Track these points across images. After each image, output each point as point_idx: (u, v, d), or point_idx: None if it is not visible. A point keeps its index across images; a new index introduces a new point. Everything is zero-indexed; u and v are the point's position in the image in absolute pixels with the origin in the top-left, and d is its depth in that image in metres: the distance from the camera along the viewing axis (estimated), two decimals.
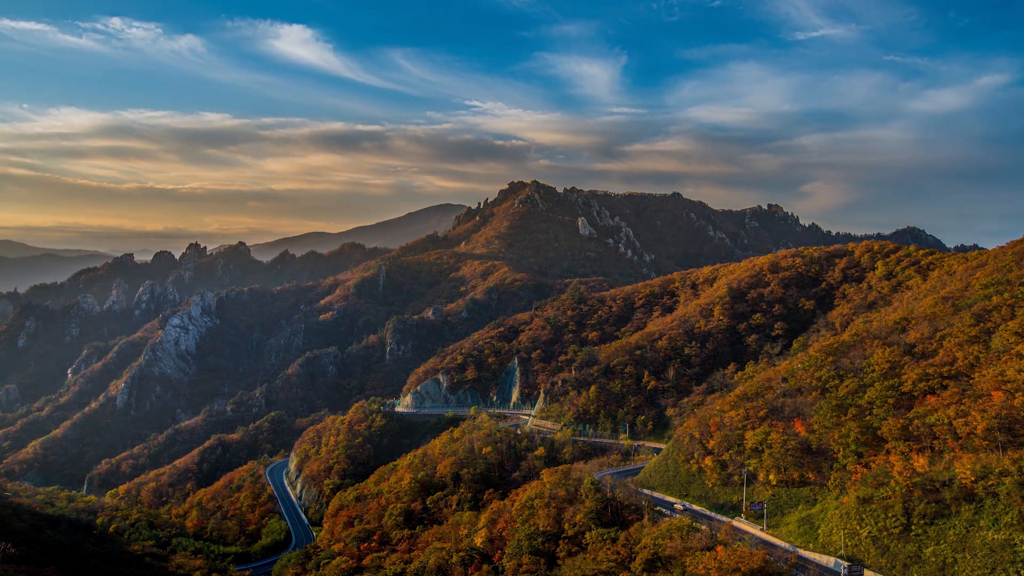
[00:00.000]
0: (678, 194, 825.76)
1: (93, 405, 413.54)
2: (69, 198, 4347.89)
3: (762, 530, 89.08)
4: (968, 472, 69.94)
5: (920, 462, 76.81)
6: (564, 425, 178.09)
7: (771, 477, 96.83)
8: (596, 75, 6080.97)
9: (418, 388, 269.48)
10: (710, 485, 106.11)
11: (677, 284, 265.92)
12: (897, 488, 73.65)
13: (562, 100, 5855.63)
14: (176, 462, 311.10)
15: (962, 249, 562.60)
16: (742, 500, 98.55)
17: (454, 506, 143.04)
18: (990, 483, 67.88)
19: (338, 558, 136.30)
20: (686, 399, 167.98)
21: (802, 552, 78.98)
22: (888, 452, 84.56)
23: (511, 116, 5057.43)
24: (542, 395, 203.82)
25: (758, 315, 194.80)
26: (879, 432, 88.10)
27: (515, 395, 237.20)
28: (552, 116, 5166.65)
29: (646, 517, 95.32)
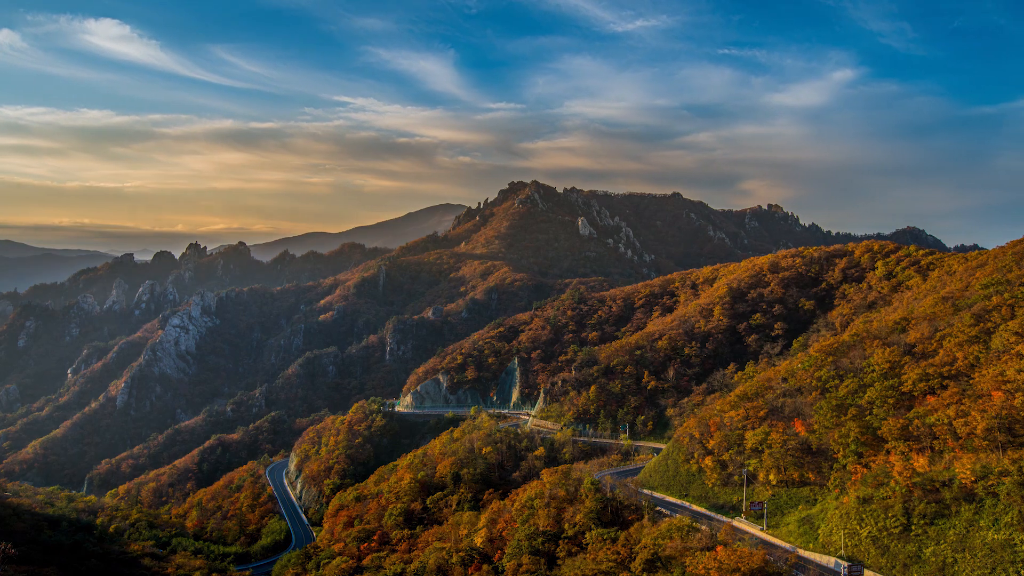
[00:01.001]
0: (678, 194, 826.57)
1: (93, 405, 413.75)
2: (23, 198, 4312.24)
3: (762, 530, 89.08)
4: (968, 472, 69.91)
5: (920, 462, 76.78)
6: (564, 425, 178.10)
7: (771, 477, 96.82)
8: (435, 70, 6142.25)
9: (418, 388, 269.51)
10: (710, 485, 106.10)
11: (677, 284, 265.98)
12: (897, 488, 73.64)
13: (424, 96, 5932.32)
14: (176, 462, 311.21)
15: (962, 249, 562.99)
16: (742, 500, 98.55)
17: (454, 506, 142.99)
18: (990, 483, 67.85)
19: (338, 558, 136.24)
20: (686, 399, 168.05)
21: (802, 552, 78.97)
22: (888, 452, 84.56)
23: (393, 112, 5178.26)
24: (542, 395, 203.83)
25: (758, 315, 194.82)
26: (879, 432, 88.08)
27: (515, 395, 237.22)
28: (434, 113, 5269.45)
29: (646, 517, 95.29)
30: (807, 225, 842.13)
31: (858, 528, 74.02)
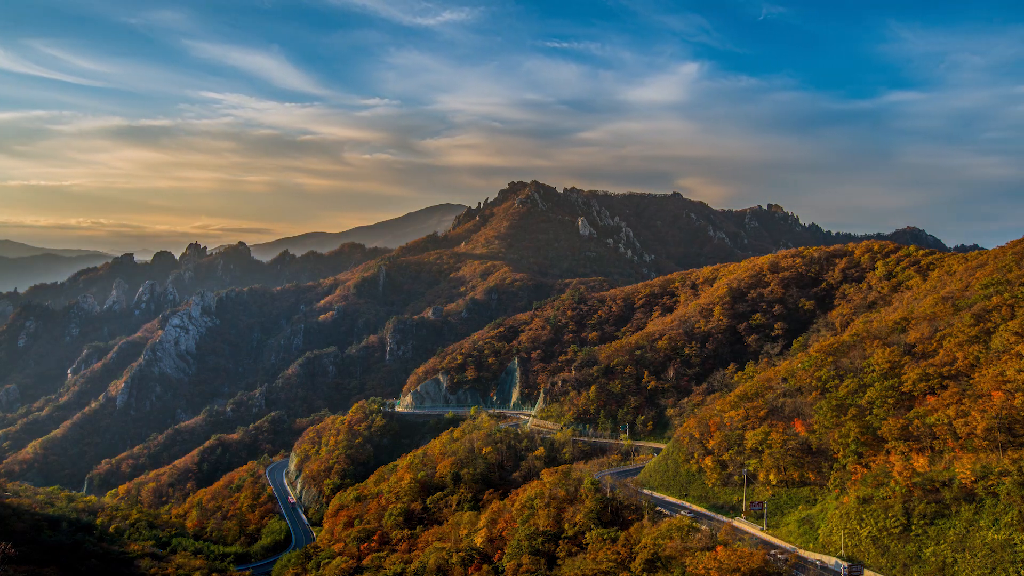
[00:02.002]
0: (678, 194, 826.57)
1: (93, 405, 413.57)
2: None
3: (762, 530, 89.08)
4: (968, 472, 69.91)
5: (920, 462, 76.78)
6: (564, 425, 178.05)
7: (771, 477, 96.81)
8: (271, 66, 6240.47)
9: (418, 388, 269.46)
10: (710, 485, 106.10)
11: (677, 284, 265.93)
12: (897, 488, 73.63)
13: (289, 94, 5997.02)
14: (176, 462, 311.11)
15: (962, 249, 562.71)
16: (742, 500, 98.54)
17: (454, 506, 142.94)
18: (990, 483, 67.85)
19: (338, 558, 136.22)
20: (686, 399, 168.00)
21: (802, 552, 78.97)
22: (888, 452, 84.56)
23: (272, 110, 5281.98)
24: (542, 395, 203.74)
25: (758, 315, 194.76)
26: (879, 432, 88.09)
27: (515, 395, 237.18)
28: (313, 110, 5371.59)
29: (646, 517, 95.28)
30: (807, 225, 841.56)
31: (858, 528, 74.00)
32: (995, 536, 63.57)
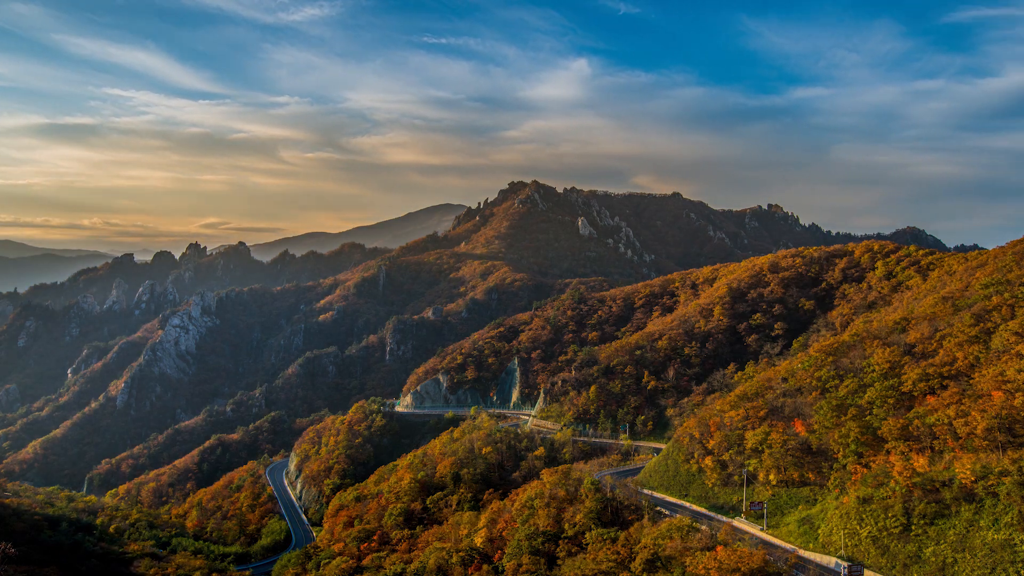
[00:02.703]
0: (678, 194, 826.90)
1: (93, 405, 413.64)
2: None
3: (762, 530, 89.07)
4: (968, 472, 69.90)
5: (920, 462, 76.76)
6: (564, 425, 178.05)
7: (771, 477, 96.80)
8: (154, 63, 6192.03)
9: (418, 388, 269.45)
10: (710, 485, 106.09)
11: (677, 284, 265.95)
12: (897, 488, 73.62)
13: (183, 91, 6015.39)
14: (176, 462, 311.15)
15: (962, 249, 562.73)
16: (742, 500, 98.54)
17: (454, 506, 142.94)
18: (990, 483, 67.84)
19: (338, 558, 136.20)
20: (686, 399, 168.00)
21: (802, 552, 78.96)
22: (888, 452, 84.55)
23: (186, 107, 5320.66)
24: (542, 395, 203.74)
25: (758, 315, 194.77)
26: (879, 432, 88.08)
27: (515, 395, 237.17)
28: (228, 107, 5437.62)
29: (646, 517, 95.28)
30: (807, 225, 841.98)
31: (858, 528, 74.00)
32: (995, 536, 63.57)
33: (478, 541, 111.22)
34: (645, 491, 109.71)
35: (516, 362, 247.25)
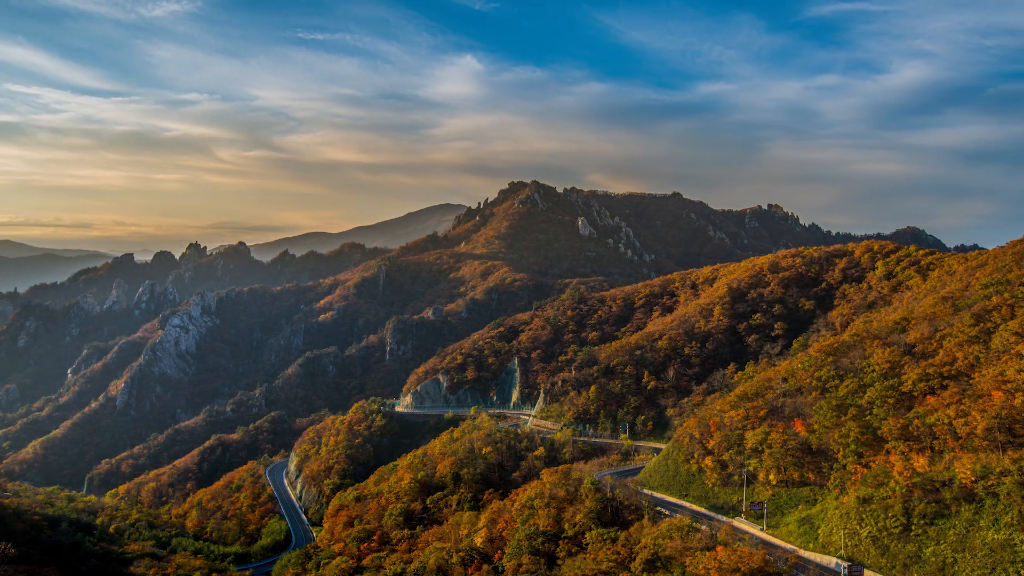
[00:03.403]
0: (678, 194, 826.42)
1: (93, 405, 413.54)
2: None
3: (762, 530, 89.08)
4: (968, 472, 69.91)
5: (920, 462, 76.75)
6: (564, 425, 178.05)
7: (771, 477, 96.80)
8: (36, 60, 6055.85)
9: (418, 388, 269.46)
10: (710, 485, 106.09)
11: (677, 284, 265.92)
12: (897, 488, 73.63)
13: (83, 89, 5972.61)
14: (176, 462, 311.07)
15: (962, 249, 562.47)
16: (742, 500, 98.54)
17: (454, 506, 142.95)
18: (990, 483, 67.84)
19: (338, 558, 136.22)
20: (686, 399, 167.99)
21: (802, 552, 78.97)
22: (888, 452, 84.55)
23: (99, 105, 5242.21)
24: (542, 395, 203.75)
25: (758, 315, 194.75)
26: (879, 432, 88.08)
27: (515, 395, 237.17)
28: (140, 106, 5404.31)
29: (646, 517, 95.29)
30: (807, 225, 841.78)
31: (858, 528, 74.01)
32: (995, 536, 63.57)
33: (478, 541, 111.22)
34: (645, 491, 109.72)
35: (516, 362, 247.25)
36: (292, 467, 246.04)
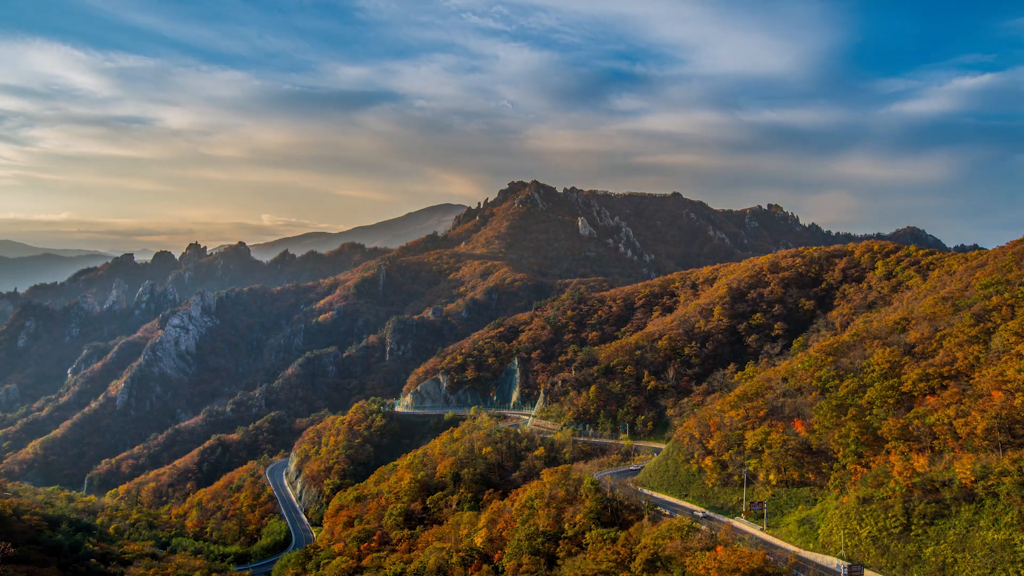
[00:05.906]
0: (678, 194, 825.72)
1: (93, 405, 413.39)
2: None
3: (762, 530, 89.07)
4: (968, 472, 69.91)
5: (920, 462, 76.75)
6: (564, 425, 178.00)
7: (771, 477, 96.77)
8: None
9: (418, 388, 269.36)
10: (710, 485, 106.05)
11: (677, 284, 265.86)
12: (897, 488, 73.62)
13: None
14: (176, 462, 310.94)
15: (962, 249, 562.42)
16: (742, 500, 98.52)
17: (454, 506, 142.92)
18: (990, 483, 67.85)
19: (338, 558, 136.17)
20: (686, 399, 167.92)
21: (802, 552, 78.96)
22: (888, 452, 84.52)
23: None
24: (542, 395, 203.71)
25: (758, 315, 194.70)
26: (879, 432, 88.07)
27: (515, 395, 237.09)
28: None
29: (646, 517, 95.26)
30: (807, 225, 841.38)
31: (858, 528, 73.98)
32: (995, 536, 63.56)
33: (478, 541, 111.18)
34: (645, 491, 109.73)
35: (516, 362, 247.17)
36: (292, 467, 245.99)
